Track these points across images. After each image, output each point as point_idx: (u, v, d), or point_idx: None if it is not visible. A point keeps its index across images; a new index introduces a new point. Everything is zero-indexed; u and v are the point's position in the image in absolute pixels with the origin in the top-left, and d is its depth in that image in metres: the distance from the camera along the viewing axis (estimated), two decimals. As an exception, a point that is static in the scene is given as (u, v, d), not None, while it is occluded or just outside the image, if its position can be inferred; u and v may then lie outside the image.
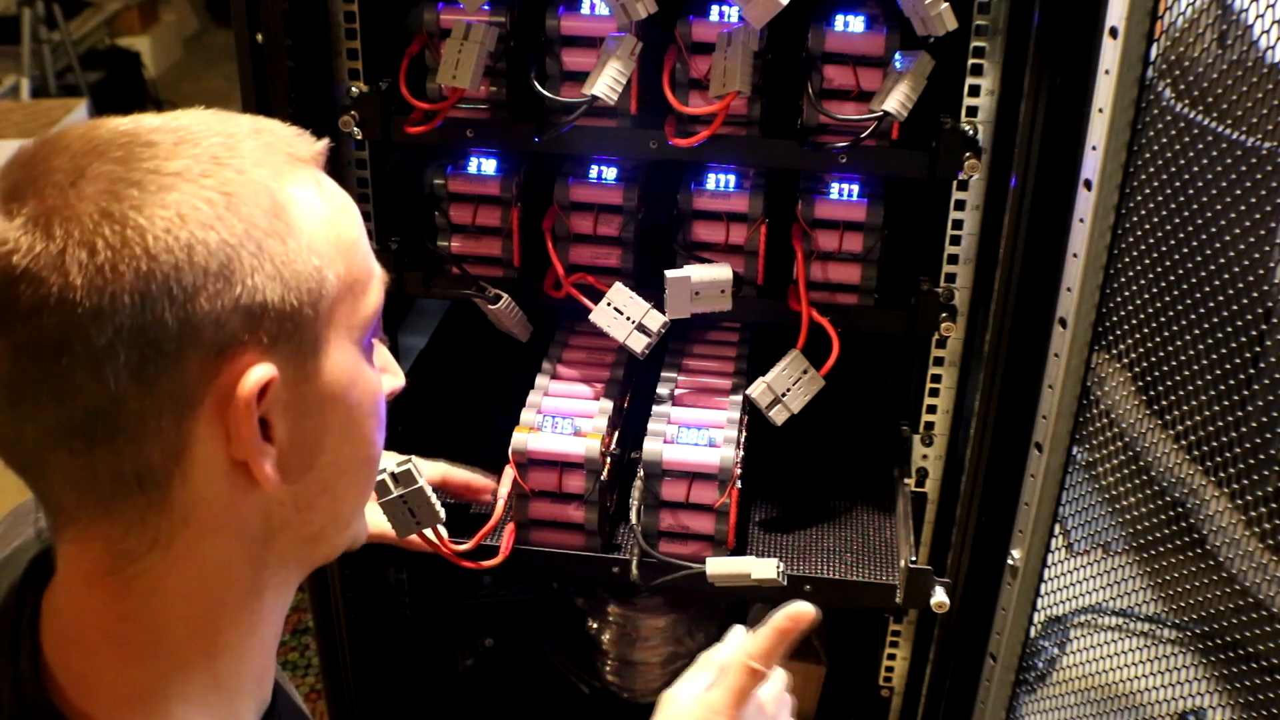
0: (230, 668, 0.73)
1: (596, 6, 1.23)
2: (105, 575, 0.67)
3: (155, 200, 0.61)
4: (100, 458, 0.63)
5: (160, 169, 0.63)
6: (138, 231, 0.61)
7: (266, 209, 0.64)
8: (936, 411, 1.38)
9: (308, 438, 0.69)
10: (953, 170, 1.20)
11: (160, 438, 0.63)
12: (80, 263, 0.60)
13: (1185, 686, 1.20)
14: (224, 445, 0.65)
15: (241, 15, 1.19)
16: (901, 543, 1.36)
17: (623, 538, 1.38)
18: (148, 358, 0.61)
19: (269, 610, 0.74)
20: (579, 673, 1.74)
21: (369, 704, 1.58)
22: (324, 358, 0.68)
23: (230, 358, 0.63)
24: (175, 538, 0.67)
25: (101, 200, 0.61)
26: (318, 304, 0.67)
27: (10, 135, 3.60)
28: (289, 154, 0.68)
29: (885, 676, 1.55)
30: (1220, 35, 1.07)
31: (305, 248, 0.66)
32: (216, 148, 0.65)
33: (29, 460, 0.65)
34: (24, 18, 4.29)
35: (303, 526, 0.72)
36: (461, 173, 1.35)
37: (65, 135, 0.65)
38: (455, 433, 1.52)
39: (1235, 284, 1.06)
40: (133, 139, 0.64)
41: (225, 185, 0.63)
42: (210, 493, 0.66)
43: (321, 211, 0.68)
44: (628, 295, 1.28)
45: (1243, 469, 1.08)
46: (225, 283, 0.62)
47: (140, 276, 0.60)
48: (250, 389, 0.64)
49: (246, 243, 0.63)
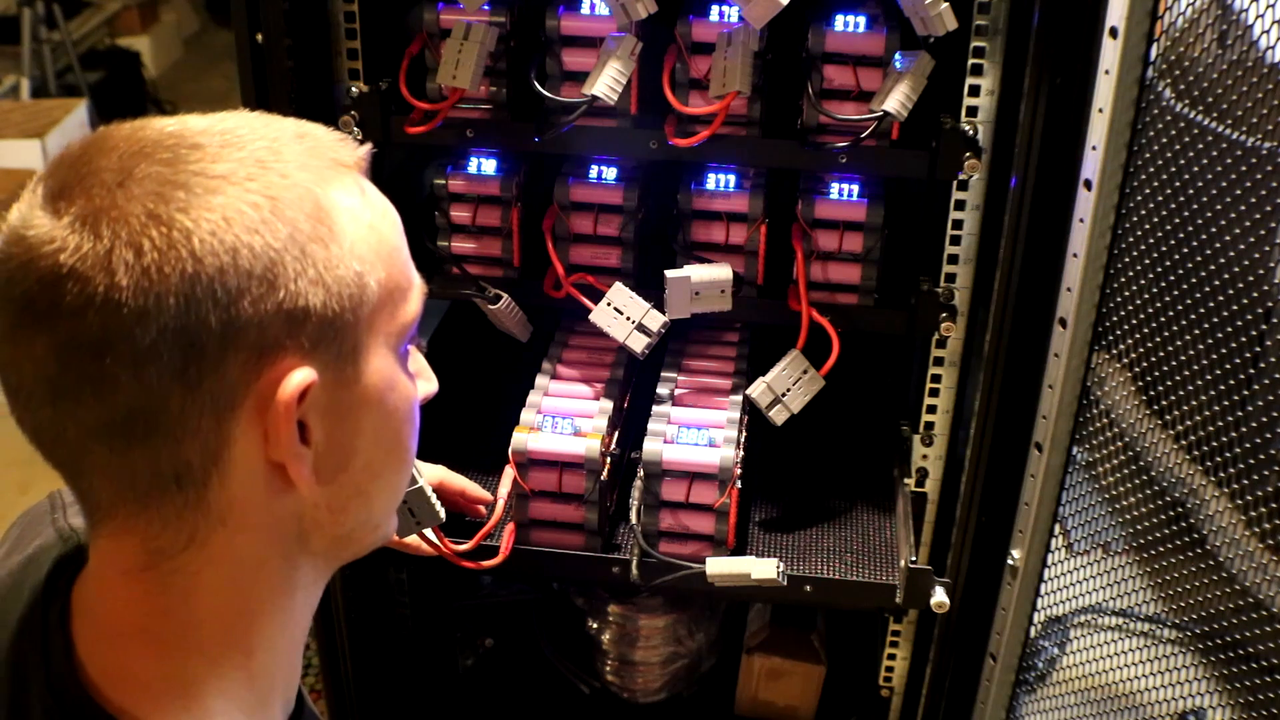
0: (263, 664, 0.73)
1: (596, 6, 1.23)
2: (141, 571, 0.68)
3: (201, 203, 0.62)
4: (139, 456, 0.64)
5: (206, 171, 0.63)
6: (184, 234, 0.61)
7: (310, 214, 0.65)
8: (936, 411, 1.38)
9: (343, 442, 0.69)
10: (953, 170, 1.20)
11: (199, 438, 0.64)
12: (127, 263, 0.60)
13: (1185, 686, 1.20)
14: (262, 447, 0.66)
15: (241, 15, 1.19)
16: (901, 543, 1.36)
17: (623, 538, 1.38)
18: (190, 359, 0.62)
19: (300, 608, 0.75)
20: (579, 673, 1.74)
21: (369, 704, 1.58)
22: (363, 363, 0.68)
23: (272, 361, 0.64)
24: (211, 536, 0.67)
25: (149, 201, 0.61)
26: (359, 310, 0.67)
27: (10, 135, 3.60)
28: (332, 159, 0.69)
29: (885, 676, 1.55)
30: (1220, 35, 1.07)
31: (348, 253, 0.66)
32: (261, 151, 0.65)
33: (68, 456, 0.66)
34: (24, 18, 4.30)
35: (335, 527, 0.72)
36: (461, 173, 1.35)
37: (111, 136, 0.65)
38: (455, 433, 1.52)
39: (1235, 284, 1.06)
40: (180, 141, 0.64)
41: (270, 189, 0.64)
42: (247, 493, 0.67)
43: (364, 217, 0.68)
44: (628, 295, 1.28)
45: (1243, 469, 1.08)
46: (269, 287, 0.63)
47: (185, 279, 0.61)
48: (291, 393, 0.64)
49: (290, 247, 0.63)
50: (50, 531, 0.80)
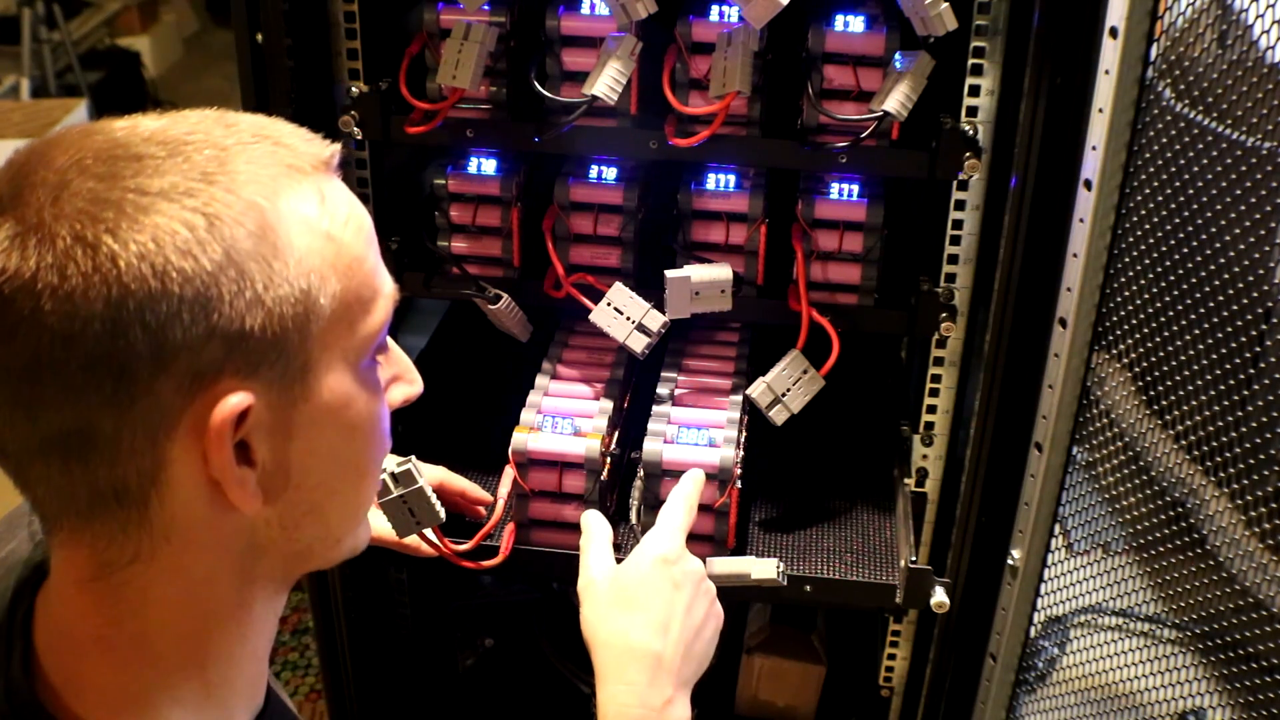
0: (221, 675, 0.72)
1: (596, 6, 1.23)
2: (91, 581, 0.67)
3: (131, 223, 0.59)
4: (77, 473, 0.63)
5: (142, 188, 0.60)
6: (109, 257, 0.59)
7: (253, 230, 0.62)
8: (936, 411, 1.38)
9: (293, 460, 0.67)
10: (953, 170, 1.20)
11: (135, 459, 0.62)
12: (52, 287, 0.58)
13: (1185, 686, 1.20)
14: (203, 466, 0.64)
15: (241, 15, 1.19)
16: (901, 543, 1.36)
17: (623, 538, 1.38)
18: (121, 383, 0.60)
19: (259, 620, 0.74)
20: (579, 673, 1.74)
21: (369, 704, 1.58)
22: (314, 380, 0.66)
23: (207, 384, 0.62)
24: (157, 551, 0.66)
25: (77, 222, 0.59)
26: (306, 328, 0.64)
27: (10, 135, 3.60)
28: (289, 165, 0.65)
29: (885, 676, 1.55)
30: (1220, 35, 1.07)
31: (294, 269, 0.63)
32: (208, 162, 0.62)
33: (14, 468, 0.65)
34: (24, 18, 4.30)
35: (289, 544, 0.71)
36: (461, 173, 1.35)
37: (56, 144, 0.63)
38: (455, 433, 1.52)
39: (1235, 284, 1.06)
40: (122, 151, 0.62)
41: (209, 205, 0.61)
42: (190, 511, 0.65)
43: (320, 226, 0.65)
44: (628, 295, 1.28)
45: (1243, 469, 1.08)
46: (201, 310, 0.60)
47: (111, 304, 0.59)
48: (224, 417, 0.62)
49: (227, 268, 0.61)
50: (24, 534, 0.79)
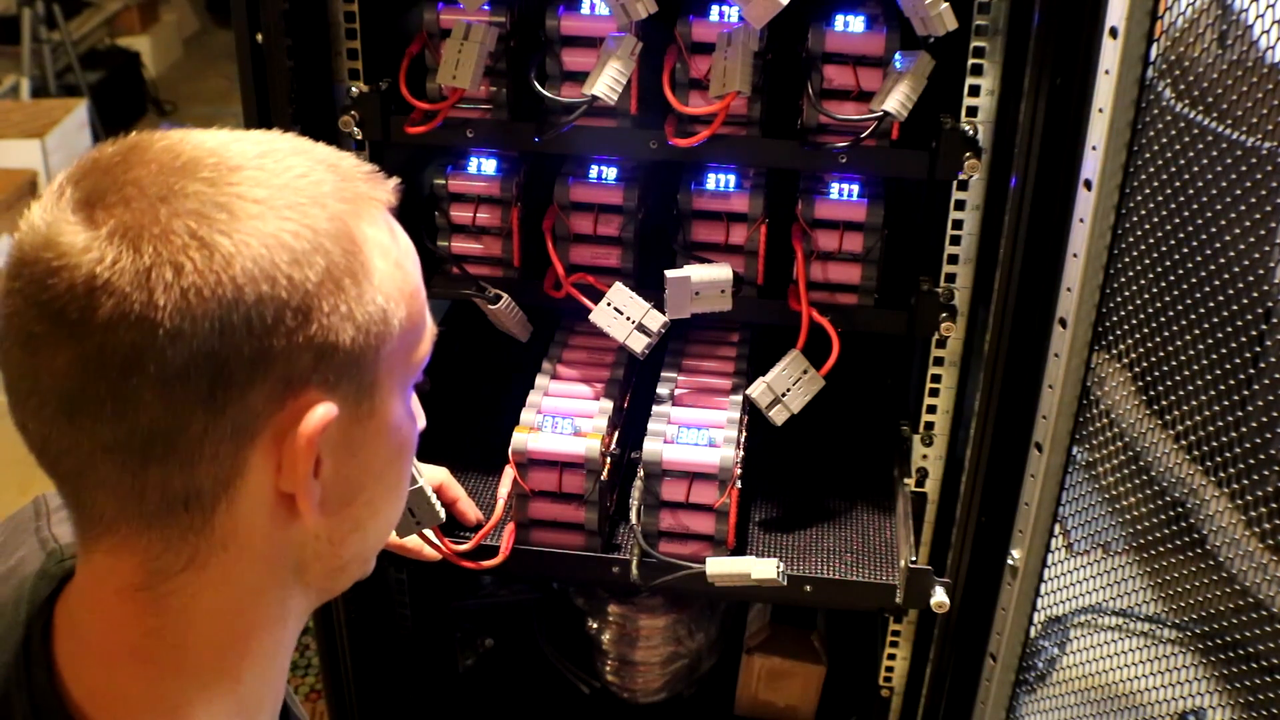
0: (253, 690, 0.72)
1: (596, 6, 1.23)
2: (137, 590, 0.67)
3: (245, 227, 0.61)
4: (152, 476, 0.63)
5: (247, 195, 0.62)
6: (225, 258, 0.60)
7: (346, 248, 0.64)
8: (936, 411, 1.38)
9: (351, 476, 0.69)
10: (953, 170, 1.20)
11: (215, 463, 0.63)
12: (166, 282, 0.59)
13: (1185, 686, 1.20)
14: (274, 476, 0.65)
15: (241, 15, 1.19)
16: (901, 543, 1.36)
17: (623, 538, 1.38)
18: (217, 384, 0.61)
19: (291, 634, 0.74)
20: (579, 673, 1.74)
21: (369, 704, 1.58)
22: (378, 400, 0.68)
23: (296, 393, 0.63)
24: (210, 560, 0.66)
25: (191, 220, 0.60)
26: (381, 347, 0.67)
27: (10, 135, 3.61)
28: (364, 193, 0.68)
29: (885, 676, 1.55)
30: (1220, 35, 1.07)
31: (377, 289, 0.66)
32: (298, 179, 0.65)
33: (74, 469, 0.64)
34: (24, 18, 4.30)
35: (333, 559, 0.72)
36: (461, 173, 1.35)
37: (148, 146, 0.64)
38: (455, 433, 1.52)
39: (1235, 284, 1.06)
40: (220, 160, 0.63)
41: (309, 219, 0.63)
42: (252, 521, 0.66)
43: (392, 254, 0.68)
44: (628, 295, 1.28)
45: (1243, 469, 1.08)
46: (303, 319, 0.62)
47: (224, 304, 0.60)
48: (314, 427, 0.64)
49: (327, 281, 0.63)
50: (33, 542, 0.79)
